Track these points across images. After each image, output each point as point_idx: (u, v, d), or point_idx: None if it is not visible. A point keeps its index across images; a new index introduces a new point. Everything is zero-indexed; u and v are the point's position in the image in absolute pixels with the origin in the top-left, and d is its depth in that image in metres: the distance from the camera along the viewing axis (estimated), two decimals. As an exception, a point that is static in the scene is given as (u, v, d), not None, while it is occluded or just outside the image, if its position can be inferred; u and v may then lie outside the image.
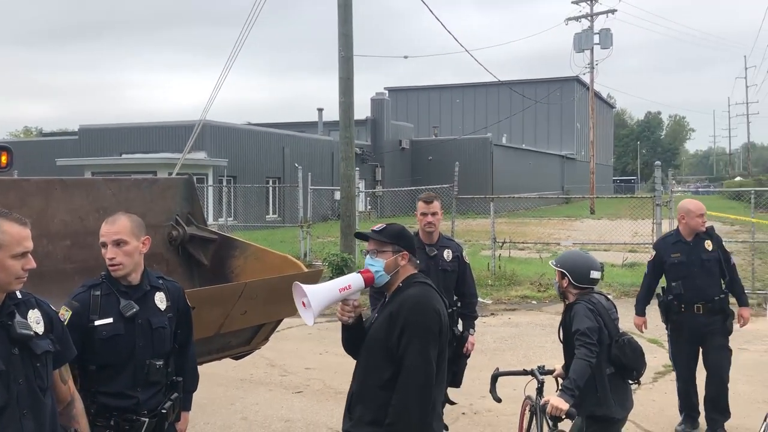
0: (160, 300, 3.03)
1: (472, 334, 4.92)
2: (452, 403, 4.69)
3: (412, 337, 2.71)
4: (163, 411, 2.96)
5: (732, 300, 5.57)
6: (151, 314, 2.98)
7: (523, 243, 16.86)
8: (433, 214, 4.71)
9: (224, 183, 23.72)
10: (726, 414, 5.41)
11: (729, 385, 6.74)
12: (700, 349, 5.50)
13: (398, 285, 2.87)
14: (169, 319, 3.04)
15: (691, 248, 5.40)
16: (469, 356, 4.93)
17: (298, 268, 4.58)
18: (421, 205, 4.75)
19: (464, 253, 4.95)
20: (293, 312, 4.85)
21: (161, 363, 2.96)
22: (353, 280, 2.84)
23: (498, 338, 8.86)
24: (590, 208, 35.74)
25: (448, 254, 4.75)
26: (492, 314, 10.50)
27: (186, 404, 3.21)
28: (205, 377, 6.90)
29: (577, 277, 3.76)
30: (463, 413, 5.91)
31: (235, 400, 6.39)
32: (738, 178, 57.68)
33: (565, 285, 3.80)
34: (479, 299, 11.80)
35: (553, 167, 53.30)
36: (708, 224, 5.58)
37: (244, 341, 4.65)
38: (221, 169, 25.49)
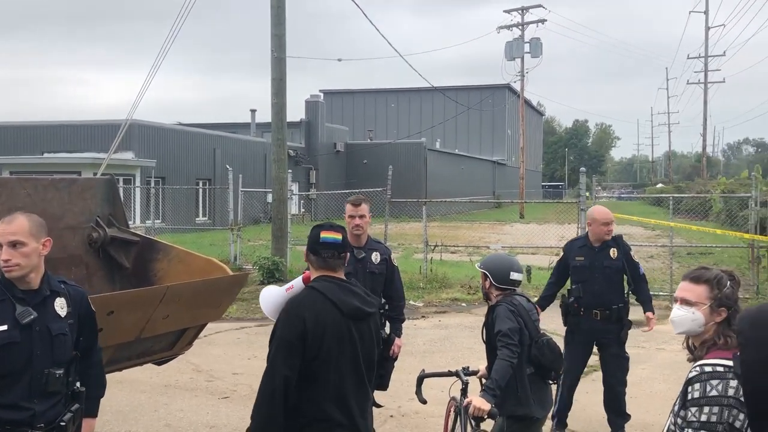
0: (61, 306, 2.87)
1: (399, 337, 4.91)
2: (379, 406, 4.70)
3: (271, 345, 2.78)
4: (62, 423, 2.81)
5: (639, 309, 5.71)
6: (51, 321, 2.82)
7: (454, 246, 17.10)
8: (361, 216, 4.70)
9: (152, 184, 23.08)
10: (625, 416, 5.58)
11: (646, 384, 7.02)
12: (591, 356, 5.65)
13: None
14: (69, 325, 2.88)
15: (596, 254, 5.49)
16: (396, 359, 4.92)
17: (223, 272, 4.49)
18: (349, 208, 4.74)
19: (392, 256, 4.96)
20: (217, 316, 4.78)
21: (61, 372, 2.81)
22: (296, 282, 3.00)
23: (428, 340, 8.93)
24: (520, 213, 36.59)
25: (376, 257, 4.75)
26: (423, 317, 10.59)
27: (91, 410, 3.06)
28: (127, 383, 6.75)
29: (498, 278, 3.83)
30: (391, 416, 5.92)
31: (159, 407, 6.21)
32: (659, 185, 60.17)
33: (488, 286, 3.88)
34: (411, 302, 11.93)
35: (484, 172, 54.29)
36: (620, 232, 5.76)
37: (166, 346, 4.52)
38: (149, 169, 24.79)
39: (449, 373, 3.90)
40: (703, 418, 2.12)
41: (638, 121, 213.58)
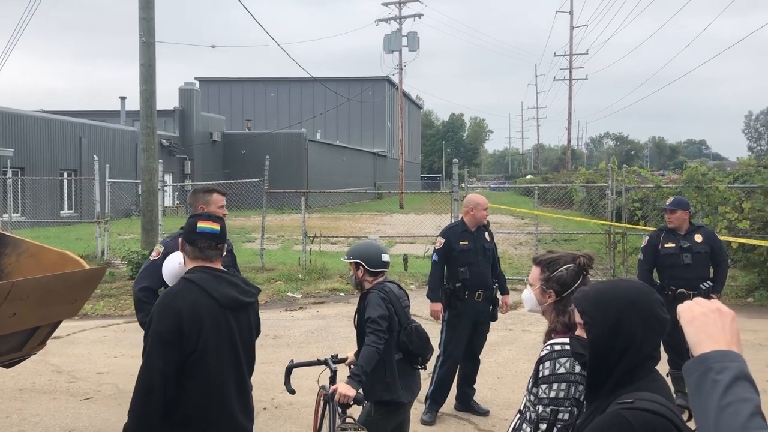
0: None
1: None
2: None
3: (146, 340, 2.70)
4: None
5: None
6: None
7: (335, 237, 17.13)
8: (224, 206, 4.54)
9: (9, 175, 21.39)
10: (473, 388, 5.93)
11: (512, 365, 7.35)
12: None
13: None
14: None
15: (476, 238, 5.78)
16: None
17: (78, 265, 4.21)
18: (218, 198, 4.54)
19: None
20: (73, 313, 4.49)
21: None
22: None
23: (305, 331, 8.88)
24: (400, 204, 37.23)
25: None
26: (301, 308, 10.53)
27: None
28: (-29, 389, 6.20)
29: (372, 263, 3.86)
30: (264, 408, 5.84)
31: (12, 413, 5.77)
32: (529, 176, 63.23)
33: (361, 274, 3.89)
34: (289, 293, 11.83)
35: (365, 164, 54.76)
36: (492, 220, 6.04)
37: (14, 347, 4.18)
38: (4, 159, 22.97)
39: (318, 362, 3.89)
40: (552, 394, 2.23)
41: (510, 115, 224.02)
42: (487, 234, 5.88)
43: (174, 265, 3.57)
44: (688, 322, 1.36)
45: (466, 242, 5.71)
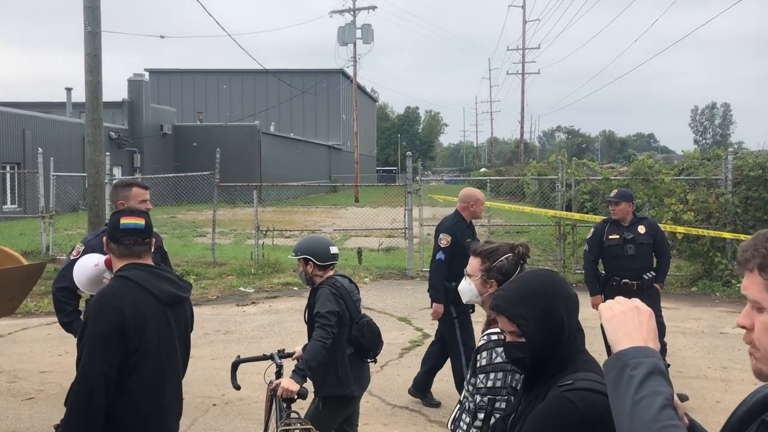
0: None
1: None
2: None
3: (82, 343, 2.57)
4: None
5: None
6: None
7: (289, 231, 17.01)
8: (147, 200, 4.36)
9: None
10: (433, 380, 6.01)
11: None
12: None
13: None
14: None
15: (473, 233, 5.73)
16: None
17: (16, 262, 4.08)
18: (139, 192, 4.30)
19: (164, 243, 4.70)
20: (11, 311, 4.35)
21: None
22: (102, 259, 3.05)
23: (257, 326, 8.79)
24: (355, 197, 37.20)
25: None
26: (253, 303, 10.42)
27: None
28: None
29: (321, 257, 3.83)
30: (215, 404, 5.76)
31: (-52, 416, 5.56)
32: (483, 170, 63.89)
33: (311, 270, 3.84)
34: (241, 288, 11.69)
35: (320, 157, 54.48)
36: (446, 213, 6.04)
37: (-52, 347, 4.03)
38: (-59, 152, 22.11)
39: (264, 357, 3.84)
40: (489, 384, 2.24)
41: (464, 109, 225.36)
42: (475, 228, 5.91)
43: (88, 268, 3.22)
44: (607, 321, 1.40)
45: (470, 239, 5.54)
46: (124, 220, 2.75)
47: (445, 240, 5.55)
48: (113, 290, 2.65)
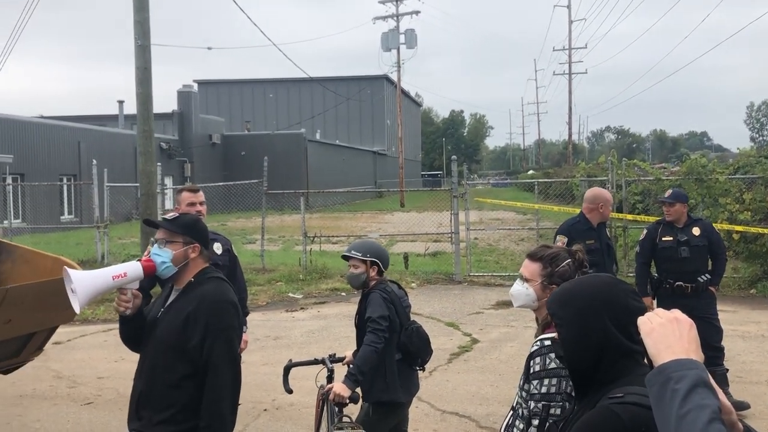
0: None
1: (245, 332, 4.69)
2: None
3: (216, 339, 2.67)
4: None
5: None
6: None
7: (336, 237, 17.12)
8: (201, 203, 4.46)
9: (8, 181, 21.40)
10: None
11: (514, 361, 7.32)
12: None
13: (190, 280, 2.76)
14: None
15: (599, 235, 5.45)
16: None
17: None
18: (188, 196, 4.43)
19: (233, 247, 4.79)
20: (69, 318, 4.48)
21: None
22: (130, 268, 2.66)
23: (306, 332, 8.86)
24: (400, 202, 37.21)
25: (218, 248, 4.53)
26: (302, 308, 10.51)
27: None
28: (-32, 397, 6.20)
29: (386, 263, 3.86)
30: (265, 409, 5.83)
31: (12, 419, 5.76)
32: (531, 172, 63.24)
33: (374, 273, 3.83)
34: (290, 294, 11.81)
35: (365, 163, 54.73)
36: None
37: (12, 353, 4.18)
38: (4, 166, 22.97)
39: (315, 362, 3.87)
40: (543, 389, 2.21)
41: (510, 111, 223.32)
42: (607, 231, 5.63)
43: (105, 278, 2.62)
44: (647, 334, 1.37)
45: (593, 241, 5.20)
46: None
47: (560, 242, 5.25)
48: (224, 289, 2.82)
